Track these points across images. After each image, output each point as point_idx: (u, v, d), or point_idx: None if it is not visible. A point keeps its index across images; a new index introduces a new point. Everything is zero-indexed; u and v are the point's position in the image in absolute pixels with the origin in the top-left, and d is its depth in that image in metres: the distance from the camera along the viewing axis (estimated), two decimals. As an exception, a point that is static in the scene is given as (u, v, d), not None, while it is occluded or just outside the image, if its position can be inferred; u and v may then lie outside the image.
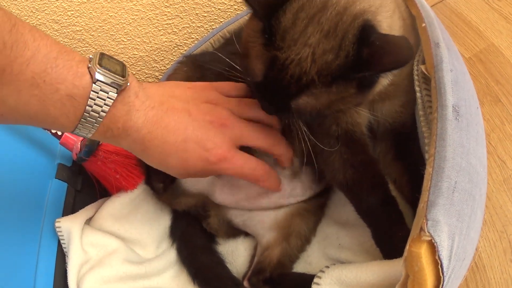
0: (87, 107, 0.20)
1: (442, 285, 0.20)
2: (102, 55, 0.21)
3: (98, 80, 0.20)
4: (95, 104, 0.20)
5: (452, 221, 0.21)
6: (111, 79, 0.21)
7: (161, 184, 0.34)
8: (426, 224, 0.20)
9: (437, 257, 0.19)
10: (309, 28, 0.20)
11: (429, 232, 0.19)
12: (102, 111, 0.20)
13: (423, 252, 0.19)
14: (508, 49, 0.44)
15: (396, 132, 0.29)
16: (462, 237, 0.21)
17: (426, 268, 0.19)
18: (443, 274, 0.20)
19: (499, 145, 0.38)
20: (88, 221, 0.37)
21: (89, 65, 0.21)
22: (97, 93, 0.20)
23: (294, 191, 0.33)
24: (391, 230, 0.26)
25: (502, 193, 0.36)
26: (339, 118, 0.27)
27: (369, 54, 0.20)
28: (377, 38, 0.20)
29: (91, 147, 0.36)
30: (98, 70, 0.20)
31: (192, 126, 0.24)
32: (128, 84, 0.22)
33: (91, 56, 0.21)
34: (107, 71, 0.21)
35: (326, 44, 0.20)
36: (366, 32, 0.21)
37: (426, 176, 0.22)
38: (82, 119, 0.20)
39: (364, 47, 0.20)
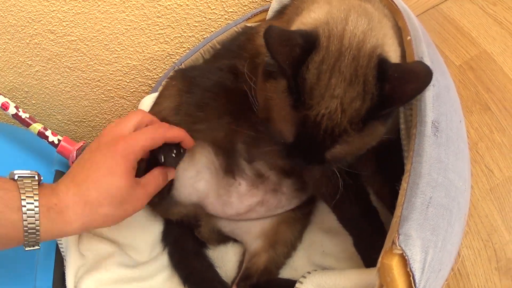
0: (21, 194, 0.22)
1: (415, 296, 0.21)
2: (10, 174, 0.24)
3: (18, 177, 0.23)
4: (26, 190, 0.22)
5: (425, 235, 0.21)
6: (27, 174, 0.23)
7: (156, 198, 0.35)
8: (398, 238, 0.20)
9: (408, 270, 0.20)
10: (332, 80, 0.21)
11: (400, 246, 0.20)
12: (34, 193, 0.22)
13: (395, 264, 0.20)
14: (501, 55, 0.43)
15: (380, 145, 0.30)
16: (437, 250, 0.22)
17: (398, 279, 0.20)
18: (415, 285, 0.20)
19: (486, 154, 0.38)
20: (84, 226, 0.38)
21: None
22: (22, 181, 0.23)
23: (280, 203, 0.34)
24: (371, 239, 0.27)
25: (488, 202, 0.36)
26: None
27: (390, 89, 0.20)
28: (394, 71, 0.21)
29: (86, 155, 0.37)
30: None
31: (88, 154, 0.26)
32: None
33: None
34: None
35: (352, 92, 0.20)
36: (382, 67, 0.21)
37: (401, 191, 0.22)
38: (22, 207, 0.22)
39: (385, 83, 0.20)
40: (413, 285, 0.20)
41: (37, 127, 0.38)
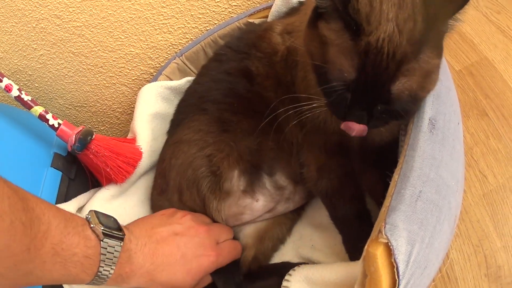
0: (100, 262, 0.24)
1: (398, 288, 0.20)
2: (96, 213, 0.25)
3: (105, 238, 0.24)
4: (106, 258, 0.24)
5: (413, 228, 0.21)
6: (113, 235, 0.24)
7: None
8: (384, 227, 0.20)
9: (393, 260, 0.20)
10: (383, 6, 0.22)
11: (386, 235, 0.20)
12: (113, 262, 0.24)
13: (379, 253, 0.20)
14: (502, 63, 0.44)
15: (379, 144, 0.29)
16: (424, 245, 0.22)
17: (381, 269, 0.20)
18: (398, 277, 0.20)
19: (481, 159, 0.38)
20: (80, 210, 0.38)
21: (92, 226, 0.24)
22: (106, 248, 0.24)
23: (288, 209, 0.35)
24: (360, 240, 0.26)
25: (481, 207, 0.36)
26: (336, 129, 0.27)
27: (434, 9, 0.21)
28: None
29: (84, 141, 0.37)
30: (102, 229, 0.24)
31: (183, 242, 0.28)
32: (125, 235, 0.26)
33: (87, 215, 0.25)
34: (108, 229, 0.24)
35: (403, 14, 0.21)
36: None
37: (392, 183, 0.22)
38: (98, 272, 0.24)
39: (429, 5, 0.21)
40: (396, 276, 0.20)
41: (38, 109, 0.38)
